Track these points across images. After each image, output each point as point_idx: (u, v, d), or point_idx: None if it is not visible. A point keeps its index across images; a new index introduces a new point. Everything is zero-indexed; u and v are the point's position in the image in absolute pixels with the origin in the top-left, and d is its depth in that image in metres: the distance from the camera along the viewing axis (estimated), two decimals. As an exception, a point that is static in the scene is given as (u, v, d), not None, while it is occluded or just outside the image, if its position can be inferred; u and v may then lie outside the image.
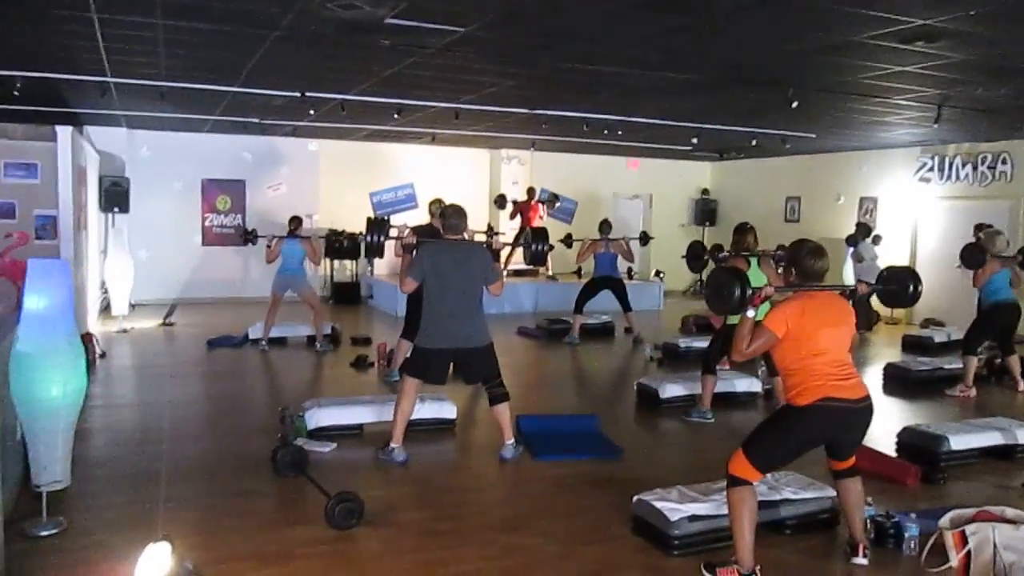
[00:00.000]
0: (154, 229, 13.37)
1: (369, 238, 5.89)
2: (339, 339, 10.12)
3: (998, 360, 8.55)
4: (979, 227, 9.81)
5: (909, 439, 5.79)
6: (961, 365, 8.13)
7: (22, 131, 11.22)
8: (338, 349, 9.76)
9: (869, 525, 4.14)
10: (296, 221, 9.70)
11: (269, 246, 9.53)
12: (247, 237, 10.03)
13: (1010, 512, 3.89)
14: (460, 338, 5.34)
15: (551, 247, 6.29)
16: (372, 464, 5.43)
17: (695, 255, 7.67)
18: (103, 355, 8.80)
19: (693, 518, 4.03)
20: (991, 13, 5.02)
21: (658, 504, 4.09)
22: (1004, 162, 11.89)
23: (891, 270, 4.39)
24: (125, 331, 10.57)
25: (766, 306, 3.84)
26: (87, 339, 8.64)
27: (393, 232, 6.01)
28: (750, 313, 3.77)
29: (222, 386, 7.95)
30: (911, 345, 10.81)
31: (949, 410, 7.44)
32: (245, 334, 9.93)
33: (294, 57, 6.97)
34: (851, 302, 4.09)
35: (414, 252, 5.52)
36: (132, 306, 12.05)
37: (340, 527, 4.19)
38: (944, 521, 3.91)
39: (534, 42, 6.23)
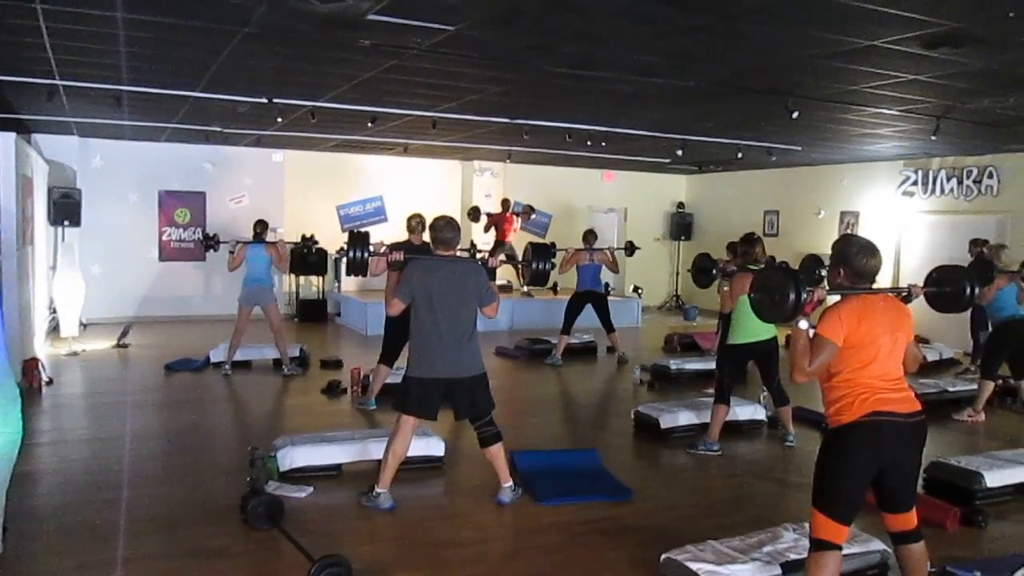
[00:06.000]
0: (108, 243, 12.59)
1: (352, 254, 5.18)
2: (308, 362, 9.48)
3: (999, 382, 8.17)
4: (976, 242, 9.46)
5: (939, 475, 5.33)
6: (968, 387, 7.77)
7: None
8: (307, 373, 9.12)
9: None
10: (261, 225, 8.95)
11: (232, 252, 8.74)
12: (208, 244, 9.28)
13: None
14: (453, 366, 4.79)
15: (553, 265, 5.60)
16: (355, 511, 4.85)
17: (702, 268, 6.55)
18: (50, 382, 8.06)
19: (736, 584, 3.52)
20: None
21: (693, 566, 3.58)
22: (990, 176, 11.62)
23: (943, 270, 3.89)
24: (75, 354, 9.81)
25: None
26: (32, 365, 7.93)
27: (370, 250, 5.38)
28: (803, 324, 3.27)
29: (183, 417, 7.24)
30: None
31: (960, 437, 7.04)
32: (207, 357, 9.24)
33: (264, 58, 6.37)
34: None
35: (402, 270, 4.95)
36: (84, 326, 11.28)
37: (326, 597, 3.61)
38: (1018, 578, 3.46)
39: (530, 43, 5.70)
